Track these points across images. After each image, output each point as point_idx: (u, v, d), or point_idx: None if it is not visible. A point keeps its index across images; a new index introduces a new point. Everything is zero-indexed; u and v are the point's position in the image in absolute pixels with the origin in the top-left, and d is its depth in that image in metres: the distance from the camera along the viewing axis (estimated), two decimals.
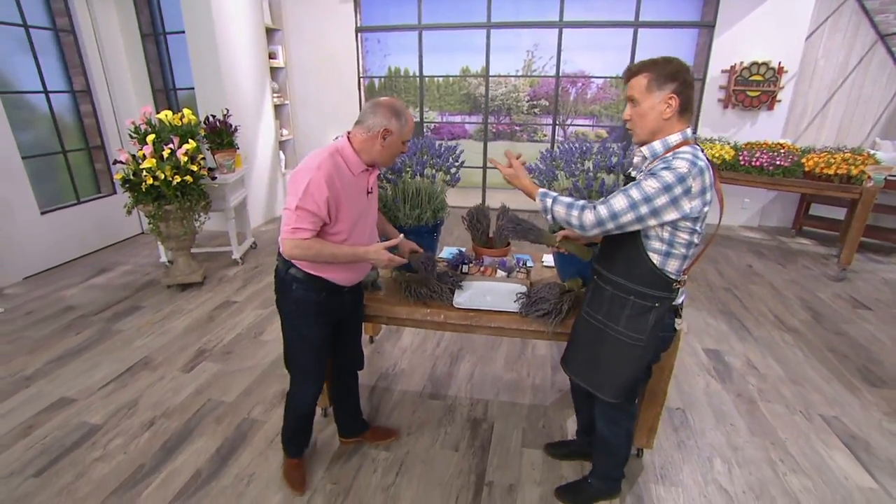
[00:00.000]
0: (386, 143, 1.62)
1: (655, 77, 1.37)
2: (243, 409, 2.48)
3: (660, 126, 1.41)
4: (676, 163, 1.33)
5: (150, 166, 3.29)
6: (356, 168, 1.64)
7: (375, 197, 1.84)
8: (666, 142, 1.43)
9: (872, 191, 3.92)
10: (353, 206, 1.66)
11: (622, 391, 1.61)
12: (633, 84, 1.41)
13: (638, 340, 1.53)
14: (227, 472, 2.08)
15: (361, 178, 1.68)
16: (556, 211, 1.50)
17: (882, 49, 5.61)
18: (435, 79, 7.42)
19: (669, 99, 1.38)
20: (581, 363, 1.70)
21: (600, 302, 1.61)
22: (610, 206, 1.39)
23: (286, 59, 6.05)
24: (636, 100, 1.41)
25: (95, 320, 3.39)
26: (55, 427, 2.35)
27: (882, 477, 2.07)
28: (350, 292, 1.86)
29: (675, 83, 1.37)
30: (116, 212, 4.88)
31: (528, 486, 2.01)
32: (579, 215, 1.44)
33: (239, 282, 4.05)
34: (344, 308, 1.86)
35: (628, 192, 1.37)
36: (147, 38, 5.12)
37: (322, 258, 1.63)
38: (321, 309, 1.75)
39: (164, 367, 2.84)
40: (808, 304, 3.70)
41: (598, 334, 1.63)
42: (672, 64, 1.38)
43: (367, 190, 1.72)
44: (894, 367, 2.89)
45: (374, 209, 1.84)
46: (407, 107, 1.67)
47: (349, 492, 1.98)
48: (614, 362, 1.59)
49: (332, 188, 1.55)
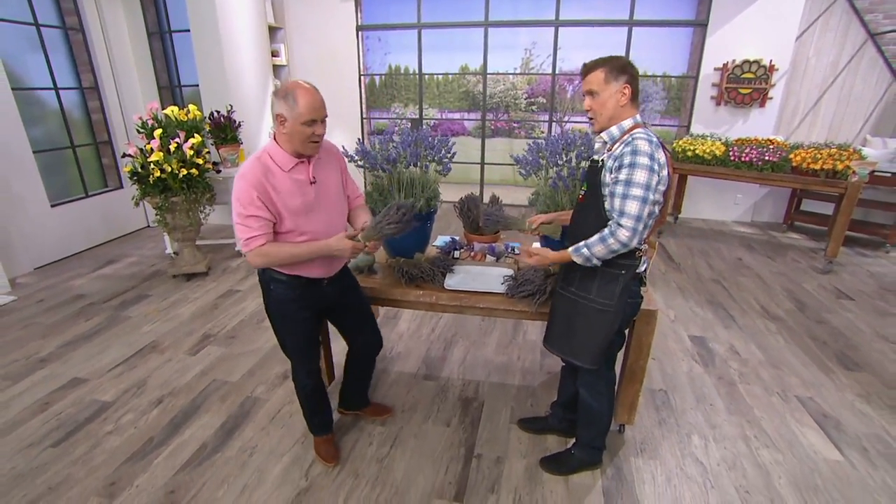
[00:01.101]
0: (286, 129, 1.57)
1: (610, 70, 1.55)
2: (246, 388, 2.62)
3: (616, 112, 1.59)
4: (639, 143, 1.51)
5: (157, 159, 3.42)
6: (286, 164, 1.63)
7: (331, 184, 1.77)
8: (621, 126, 1.61)
9: (857, 185, 4.03)
10: (293, 200, 1.65)
11: (598, 357, 1.75)
12: (591, 79, 1.59)
13: (608, 306, 1.68)
14: (231, 444, 2.21)
15: (298, 170, 1.66)
16: (596, 253, 1.58)
17: (872, 48, 5.72)
18: (434, 76, 7.54)
19: (624, 88, 1.56)
20: (559, 336, 1.84)
21: (572, 276, 1.77)
22: (629, 214, 1.51)
23: (288, 57, 6.18)
24: (595, 92, 1.58)
25: (104, 308, 3.53)
26: (69, 404, 2.48)
27: (849, 451, 2.19)
28: (332, 283, 1.88)
29: (626, 75, 1.56)
30: (123, 205, 5.03)
31: (514, 458, 2.14)
32: (616, 241, 1.54)
33: (242, 272, 4.18)
34: (326, 298, 1.89)
35: (632, 193, 1.50)
36: (153, 37, 5.26)
37: (283, 260, 1.66)
38: (300, 304, 1.82)
39: (171, 350, 2.97)
40: (793, 295, 3.82)
41: (572, 306, 1.77)
42: (621, 59, 1.58)
43: (310, 180, 1.68)
44: (870, 352, 3.01)
45: (329, 197, 1.77)
46: (305, 85, 1.56)
47: (345, 462, 2.11)
48: (588, 329, 1.73)
49: (259, 189, 1.56)
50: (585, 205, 1.70)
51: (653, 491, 1.97)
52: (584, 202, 1.71)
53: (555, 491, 1.96)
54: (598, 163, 1.63)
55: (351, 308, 2.06)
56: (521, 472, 2.06)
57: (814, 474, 2.06)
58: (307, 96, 1.55)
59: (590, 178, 1.69)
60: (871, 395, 2.60)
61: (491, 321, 3.36)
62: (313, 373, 2.03)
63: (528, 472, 2.06)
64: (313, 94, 1.57)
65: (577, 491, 1.96)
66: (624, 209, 1.52)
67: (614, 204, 1.54)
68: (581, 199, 1.73)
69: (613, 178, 1.55)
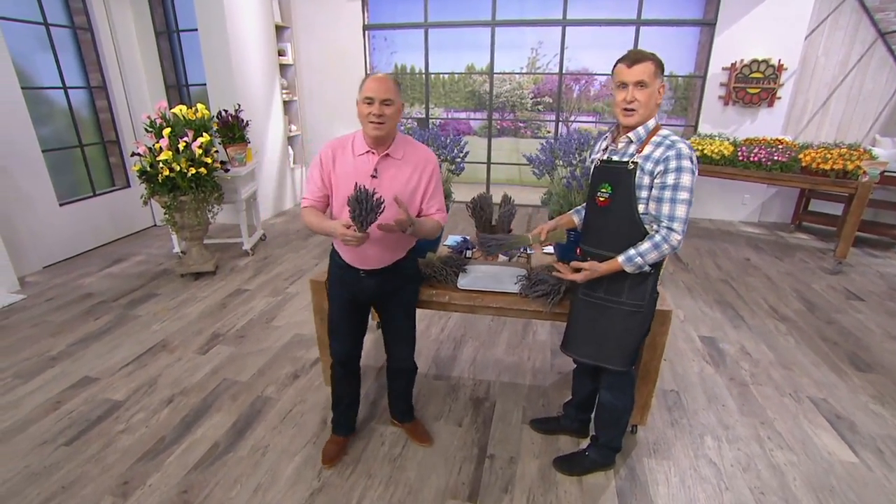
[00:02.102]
0: (357, 112, 1.72)
1: (658, 65, 1.53)
2: (257, 388, 2.62)
3: (653, 110, 1.57)
4: (681, 147, 1.52)
5: (166, 158, 3.42)
6: (358, 148, 1.76)
7: (387, 187, 1.73)
8: (647, 126, 1.59)
9: (867, 185, 4.00)
10: (347, 184, 1.68)
11: (631, 358, 1.75)
12: (642, 69, 1.50)
13: (640, 307, 1.67)
14: (243, 444, 2.21)
15: (364, 159, 1.74)
16: (649, 260, 1.58)
17: (882, 47, 5.68)
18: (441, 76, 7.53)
19: (661, 87, 1.55)
20: (585, 343, 1.82)
21: (598, 281, 1.72)
22: (680, 218, 1.52)
23: (295, 57, 6.18)
24: (647, 83, 1.51)
25: (114, 306, 3.54)
26: (81, 403, 2.49)
27: (864, 452, 2.18)
28: (371, 277, 1.87)
29: (663, 75, 1.55)
30: (130, 204, 5.05)
31: (527, 458, 2.13)
32: (669, 246, 1.54)
33: (250, 271, 4.19)
34: (363, 293, 1.92)
35: (680, 198, 1.51)
36: (161, 36, 5.26)
37: (308, 225, 1.81)
38: (341, 282, 1.95)
39: (181, 349, 2.98)
40: (803, 295, 3.80)
41: (599, 311, 1.75)
42: (659, 58, 1.54)
43: (372, 174, 1.73)
44: (882, 353, 2.99)
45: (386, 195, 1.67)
46: (379, 73, 1.71)
47: (358, 462, 2.10)
48: (621, 333, 1.72)
49: (325, 159, 1.75)
50: (610, 209, 1.64)
51: (667, 492, 1.96)
52: (608, 205, 1.65)
53: (569, 491, 1.96)
54: (628, 164, 1.58)
55: (389, 311, 2.05)
56: (534, 472, 2.05)
57: (829, 476, 2.05)
58: (372, 79, 1.68)
59: (614, 179, 1.62)
60: (884, 396, 2.58)
61: (500, 321, 3.35)
62: (340, 355, 2.06)
63: (541, 472, 2.05)
64: (379, 77, 1.68)
65: (592, 491, 1.96)
66: (675, 214, 1.51)
67: (662, 209, 1.53)
68: (604, 203, 1.65)
69: (660, 183, 1.52)
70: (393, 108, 1.68)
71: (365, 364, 2.76)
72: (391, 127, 1.71)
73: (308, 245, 4.89)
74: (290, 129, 6.32)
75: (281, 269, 4.27)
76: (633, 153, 1.59)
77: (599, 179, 1.69)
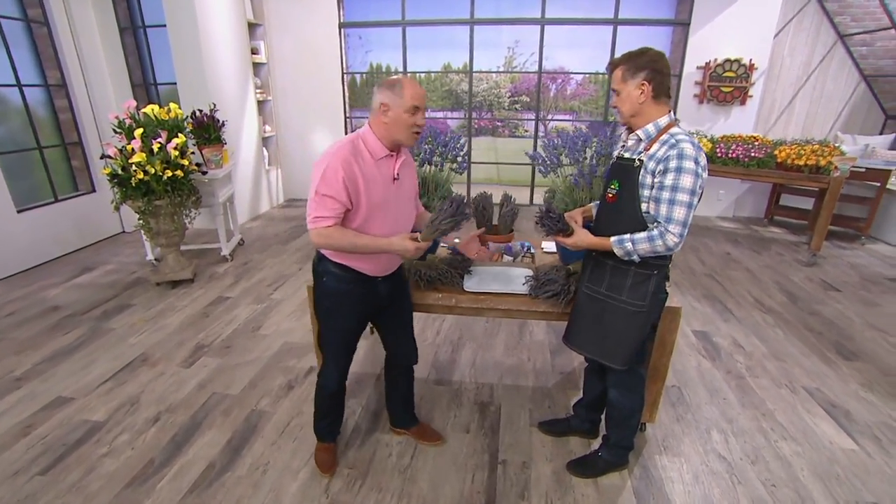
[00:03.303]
0: (388, 118, 1.58)
1: (628, 68, 1.53)
2: (250, 401, 2.48)
3: (637, 109, 1.56)
4: (684, 147, 1.47)
5: (139, 160, 3.22)
6: (378, 152, 1.62)
7: (408, 187, 1.76)
8: (657, 124, 1.57)
9: (839, 180, 4.17)
10: (374, 192, 1.62)
11: (630, 357, 1.72)
12: (613, 76, 1.59)
13: (641, 307, 1.64)
14: (241, 462, 2.08)
15: (384, 163, 1.65)
16: (640, 250, 1.55)
17: (842, 48, 5.96)
18: (417, 75, 7.45)
19: (641, 85, 1.53)
20: (587, 336, 1.80)
21: (601, 276, 1.72)
22: (677, 220, 1.49)
23: (268, 55, 5.98)
24: (616, 90, 1.58)
25: (84, 319, 3.30)
26: (55, 426, 2.29)
27: (862, 440, 2.24)
28: (385, 282, 1.82)
29: (644, 71, 1.52)
30: (96, 210, 4.75)
31: (540, 462, 2.09)
32: (663, 243, 1.51)
33: (230, 278, 4.00)
34: (378, 298, 1.84)
35: (679, 199, 1.47)
36: (125, 32, 4.98)
37: (343, 247, 1.62)
38: (351, 300, 1.78)
39: (163, 363, 2.80)
40: (784, 287, 3.92)
41: (601, 306, 1.73)
42: (644, 55, 1.53)
43: (393, 177, 1.67)
44: (864, 342, 3.10)
45: (403, 199, 1.74)
46: (409, 78, 1.60)
47: (367, 475, 2.01)
48: (620, 331, 1.69)
49: (348, 170, 1.54)
50: (617, 206, 1.63)
51: (682, 489, 1.95)
52: (615, 202, 1.64)
53: (586, 494, 1.92)
54: (634, 161, 1.57)
55: (398, 311, 1.98)
56: (548, 476, 2.01)
57: (833, 465, 2.09)
58: (414, 86, 1.57)
59: (622, 176, 1.62)
60: (872, 383, 2.67)
61: (495, 322, 3.31)
62: (343, 376, 1.95)
63: (555, 475, 2.01)
64: (417, 84, 1.59)
65: (608, 493, 1.93)
66: (671, 215, 1.48)
67: (660, 209, 1.50)
68: (612, 199, 1.65)
69: (658, 183, 1.50)
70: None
71: (362, 371, 2.69)
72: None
73: (288, 249, 4.73)
74: (265, 129, 6.10)
75: (263, 274, 4.10)
76: (640, 151, 1.58)
77: (611, 175, 1.69)
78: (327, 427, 2.07)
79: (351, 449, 2.16)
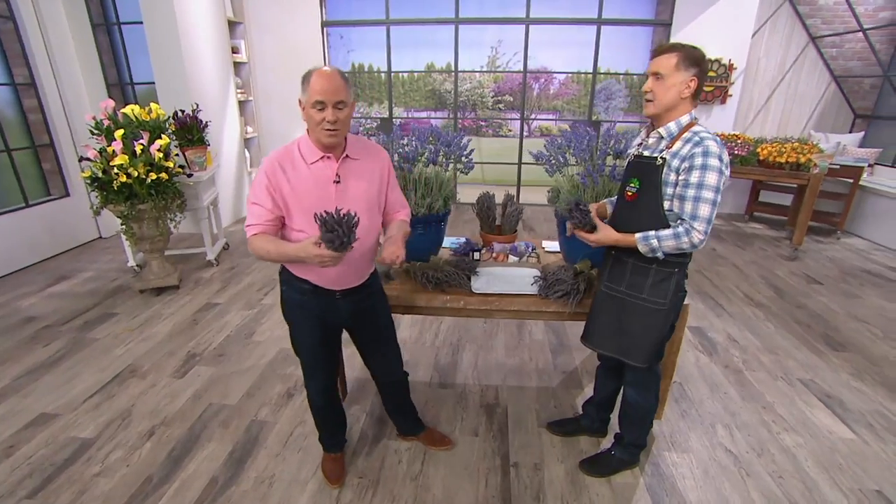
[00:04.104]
0: (305, 115, 1.45)
1: (685, 57, 1.48)
2: (249, 411, 2.39)
3: (675, 103, 1.53)
4: (709, 144, 1.47)
5: (121, 163, 3.08)
6: (311, 156, 1.51)
7: (358, 191, 1.57)
8: (679, 122, 1.56)
9: (819, 177, 4.31)
10: (304, 198, 1.50)
11: (652, 355, 1.72)
12: (660, 61, 1.49)
13: (661, 305, 1.64)
14: (244, 476, 2.00)
15: (321, 166, 1.51)
16: (665, 247, 1.54)
17: (813, 50, 6.16)
18: (400, 75, 7.39)
19: (691, 81, 1.50)
20: (607, 335, 1.79)
21: (621, 275, 1.71)
22: (702, 218, 1.49)
23: (249, 54, 5.83)
24: (662, 75, 1.50)
25: (64, 330, 3.14)
26: (41, 445, 2.16)
27: (858, 428, 2.30)
28: (346, 299, 1.69)
29: (697, 68, 1.50)
30: (71, 215, 4.55)
31: (552, 463, 2.07)
32: (689, 240, 1.50)
33: (217, 283, 3.87)
34: (338, 313, 1.71)
35: (704, 197, 1.47)
36: (98, 28, 4.77)
37: (265, 256, 1.51)
38: (307, 311, 1.68)
39: (154, 373, 2.68)
40: (770, 282, 4.02)
41: (621, 305, 1.72)
42: (698, 51, 1.50)
43: (334, 179, 1.52)
44: (850, 332, 3.21)
45: (349, 204, 1.51)
46: (324, 68, 1.42)
47: (378, 484, 1.96)
48: (641, 329, 1.69)
49: (273, 177, 1.47)
50: (637, 204, 1.62)
51: (694, 485, 1.96)
52: (635, 200, 1.63)
53: (600, 493, 1.92)
54: (656, 159, 1.56)
55: (370, 329, 1.84)
56: (562, 477, 2.00)
57: (834, 454, 2.14)
58: (319, 77, 1.40)
59: (642, 174, 1.61)
60: (861, 373, 2.76)
61: (493, 323, 3.29)
62: (324, 389, 1.87)
63: (569, 476, 2.00)
64: (327, 75, 1.40)
65: (623, 492, 1.93)
66: (697, 213, 1.48)
67: (685, 207, 1.50)
68: (632, 197, 1.64)
69: (683, 180, 1.50)
70: (347, 110, 1.46)
71: (363, 377, 2.63)
72: (346, 131, 1.51)
73: None
74: (247, 130, 5.95)
75: (251, 279, 3.98)
76: (662, 149, 1.57)
77: (629, 174, 1.67)
78: (329, 438, 2.01)
79: (359, 457, 2.10)
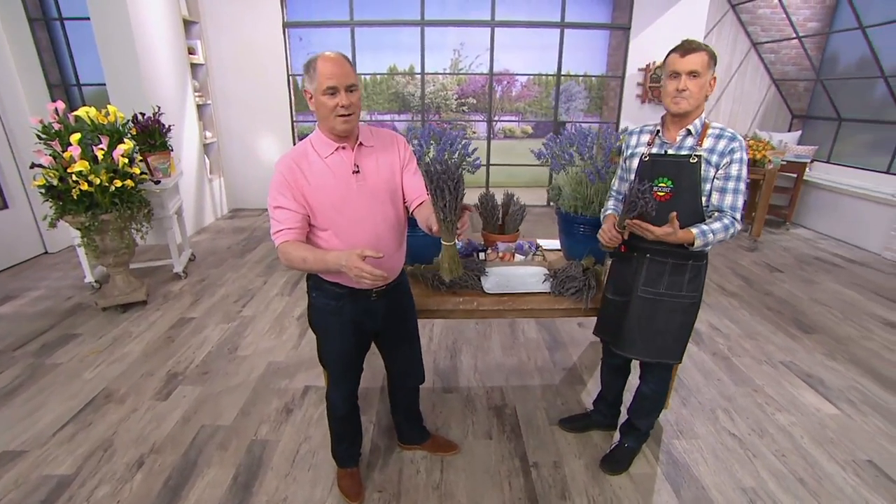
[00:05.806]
0: (313, 105, 1.42)
1: (711, 57, 1.53)
2: (247, 430, 2.24)
3: (702, 100, 1.58)
4: (740, 138, 1.59)
5: (82, 169, 2.82)
6: (325, 149, 1.46)
7: (379, 180, 1.52)
8: (702, 119, 1.62)
9: (773, 172, 4.62)
10: (327, 192, 1.45)
11: (684, 349, 1.77)
12: (695, 59, 1.50)
13: (696, 298, 1.71)
14: (254, 500, 1.86)
15: (338, 157, 1.47)
16: (717, 238, 1.58)
17: (755, 55, 6.62)
18: (363, 77, 7.25)
19: (714, 79, 1.56)
20: (641, 340, 1.78)
21: (658, 276, 1.71)
22: (739, 208, 1.58)
23: (206, 55, 5.53)
24: (699, 73, 1.51)
25: (18, 356, 2.82)
26: (10, 487, 1.92)
27: (840, 404, 2.46)
28: (382, 297, 1.64)
29: (714, 68, 1.56)
30: (11, 230, 4.12)
31: (570, 460, 2.07)
32: (734, 231, 1.59)
33: (188, 297, 3.62)
34: (374, 314, 1.66)
35: (741, 189, 1.58)
36: (36, 24, 4.36)
37: (296, 263, 1.42)
38: (340, 318, 1.61)
39: (133, 396, 2.46)
40: (737, 272, 4.26)
41: (656, 307, 1.73)
42: (713, 50, 1.55)
43: (353, 170, 1.48)
44: (816, 315, 3.44)
45: (368, 193, 1.50)
46: (328, 53, 1.37)
47: (399, 497, 1.88)
48: (678, 326, 1.73)
49: (290, 175, 1.42)
50: (674, 203, 1.60)
51: (707, 469, 2.03)
52: (668, 200, 1.62)
53: (623, 486, 1.94)
54: (690, 157, 1.57)
55: (400, 329, 1.79)
56: (583, 472, 2.00)
57: (824, 429, 2.28)
58: (326, 62, 1.35)
59: (675, 173, 1.60)
60: (833, 352, 2.96)
61: (485, 323, 3.27)
62: (350, 397, 1.80)
63: (589, 471, 2.01)
64: (335, 59, 1.37)
65: (643, 482, 1.96)
66: (737, 204, 1.56)
67: (726, 199, 1.56)
68: (665, 197, 1.62)
69: (724, 174, 1.56)
70: (358, 92, 1.42)
71: (366, 386, 2.53)
72: (359, 116, 1.47)
73: (247, 262, 4.38)
74: (206, 136, 5.63)
75: (225, 290, 3.76)
76: (691, 146, 1.60)
77: (655, 173, 1.65)
78: (346, 451, 1.92)
79: (374, 470, 2.02)
